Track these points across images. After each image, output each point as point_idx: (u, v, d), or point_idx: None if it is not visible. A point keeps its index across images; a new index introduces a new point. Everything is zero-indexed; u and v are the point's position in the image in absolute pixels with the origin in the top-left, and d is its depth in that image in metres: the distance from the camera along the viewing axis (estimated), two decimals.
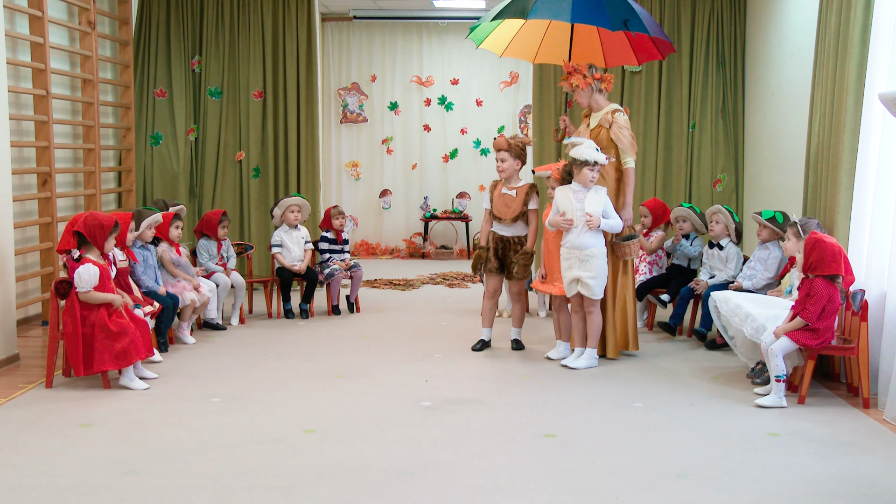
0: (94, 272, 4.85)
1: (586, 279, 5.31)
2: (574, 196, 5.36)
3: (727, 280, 6.03)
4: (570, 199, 5.37)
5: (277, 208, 7.04)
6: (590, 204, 5.32)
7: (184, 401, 4.70)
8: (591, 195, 5.35)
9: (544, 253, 5.73)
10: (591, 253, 5.32)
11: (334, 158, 11.15)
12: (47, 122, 6.59)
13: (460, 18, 10.83)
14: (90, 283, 4.84)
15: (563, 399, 4.77)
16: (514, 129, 11.03)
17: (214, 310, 6.46)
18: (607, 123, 5.58)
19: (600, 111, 5.67)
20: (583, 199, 5.34)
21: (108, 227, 4.96)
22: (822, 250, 4.58)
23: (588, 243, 5.32)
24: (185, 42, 8.29)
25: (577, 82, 5.64)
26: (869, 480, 3.62)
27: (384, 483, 3.56)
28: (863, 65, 5.02)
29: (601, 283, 5.37)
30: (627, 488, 3.52)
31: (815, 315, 4.58)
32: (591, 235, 5.32)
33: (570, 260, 5.37)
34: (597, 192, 5.36)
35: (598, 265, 5.33)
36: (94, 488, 3.51)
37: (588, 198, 5.34)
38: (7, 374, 5.29)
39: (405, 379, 5.13)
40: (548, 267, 5.67)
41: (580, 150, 5.30)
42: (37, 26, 6.54)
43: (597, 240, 5.35)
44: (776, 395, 4.62)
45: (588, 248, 5.32)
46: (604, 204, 5.35)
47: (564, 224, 5.34)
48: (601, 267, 5.35)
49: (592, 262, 5.32)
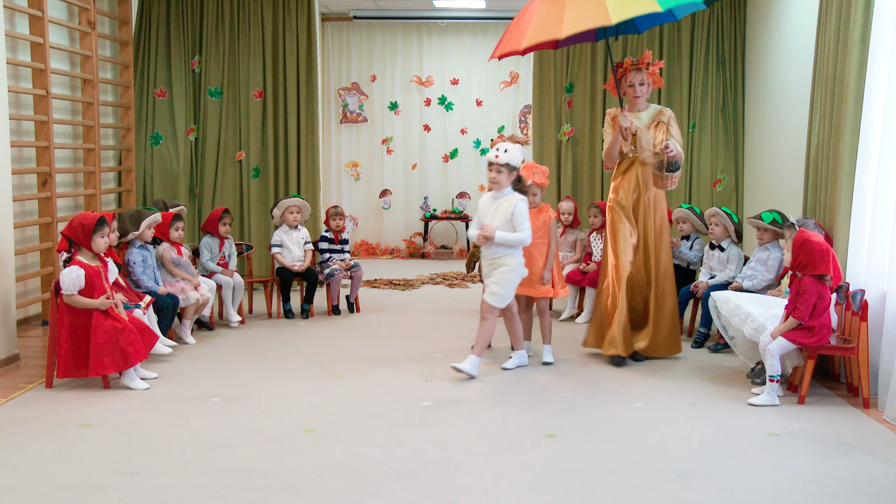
0: (77, 275, 4.81)
1: (493, 287, 5.05)
2: (492, 202, 5.08)
3: (727, 280, 6.03)
4: (488, 205, 5.09)
5: (277, 209, 7.04)
6: (496, 212, 5.01)
7: (184, 401, 4.70)
8: (502, 203, 5.01)
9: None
10: (502, 262, 5.04)
11: (334, 158, 11.15)
12: (47, 122, 6.59)
13: (460, 18, 10.84)
14: (74, 286, 4.80)
15: (563, 399, 4.77)
16: (514, 129, 11.03)
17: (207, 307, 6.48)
18: (666, 118, 5.46)
19: (648, 108, 5.55)
20: (495, 206, 5.05)
21: (89, 227, 4.90)
22: (811, 250, 4.59)
23: (498, 251, 5.04)
24: (185, 42, 8.29)
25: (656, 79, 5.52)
26: (869, 480, 3.62)
27: (384, 483, 3.56)
28: (863, 65, 5.02)
29: (506, 295, 5.07)
30: (627, 488, 3.52)
31: (807, 313, 4.59)
32: (497, 244, 5.02)
33: (487, 267, 5.14)
34: (507, 200, 5.00)
35: (506, 276, 5.03)
36: (94, 488, 3.50)
37: (498, 205, 5.03)
38: (7, 374, 5.29)
39: (405, 379, 5.13)
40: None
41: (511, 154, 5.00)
42: (37, 26, 6.54)
43: (504, 249, 5.03)
44: (769, 394, 4.63)
45: (499, 255, 5.05)
46: (510, 213, 4.98)
47: (481, 240, 5.03)
48: (509, 279, 5.04)
49: (500, 271, 5.04)
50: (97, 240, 4.94)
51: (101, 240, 4.96)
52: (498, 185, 5.00)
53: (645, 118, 5.52)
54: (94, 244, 4.94)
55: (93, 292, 4.86)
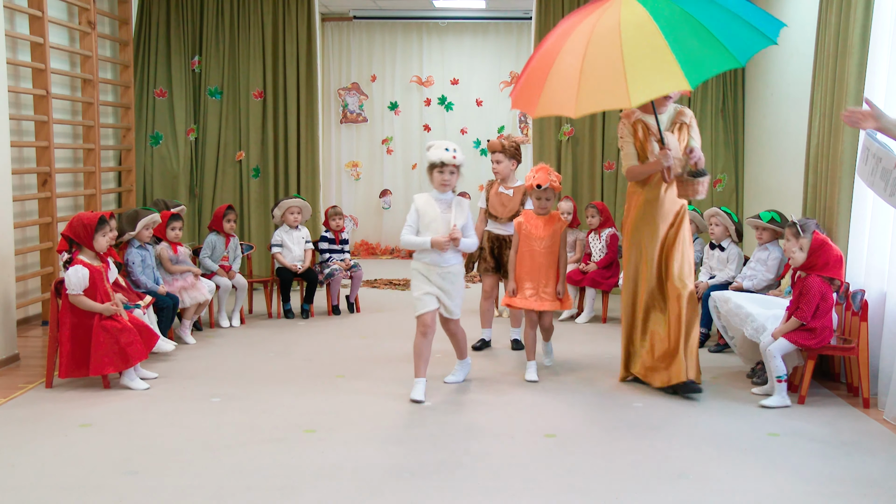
0: (82, 274, 4.82)
1: (447, 301, 4.74)
2: (438, 205, 4.72)
3: (727, 280, 6.03)
4: (434, 208, 4.72)
5: (277, 209, 7.04)
6: (458, 216, 4.71)
7: (184, 401, 4.70)
8: (456, 205, 4.72)
9: (517, 263, 5.23)
10: (453, 269, 4.74)
11: (334, 158, 11.15)
12: (47, 122, 6.59)
13: (460, 18, 10.84)
14: (79, 286, 4.81)
15: (562, 399, 4.77)
16: (514, 129, 11.03)
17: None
18: (687, 119, 5.01)
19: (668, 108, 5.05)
20: (448, 210, 4.72)
21: (90, 226, 4.91)
22: (829, 253, 4.67)
23: (452, 259, 4.73)
24: (185, 42, 8.29)
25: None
26: (869, 480, 3.62)
27: (384, 483, 3.56)
28: (863, 65, 5.02)
29: (461, 301, 4.84)
30: (627, 488, 3.52)
31: (809, 314, 4.60)
32: (452, 251, 4.71)
33: (431, 277, 4.71)
34: (460, 204, 4.74)
35: (460, 282, 4.79)
36: (94, 488, 3.50)
37: (454, 208, 4.72)
38: (7, 374, 5.29)
39: (405, 379, 5.13)
40: (519, 278, 5.21)
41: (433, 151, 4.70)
42: (37, 26, 6.53)
43: (457, 256, 4.78)
44: (780, 395, 4.62)
45: (453, 263, 4.74)
46: (465, 218, 4.74)
47: (446, 246, 4.62)
48: (462, 286, 4.81)
49: (452, 279, 4.73)
50: (99, 239, 4.95)
51: (102, 239, 4.97)
52: (450, 186, 4.70)
53: (664, 119, 5.07)
54: (97, 243, 4.94)
55: (95, 292, 4.87)
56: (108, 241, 5.06)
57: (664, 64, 4.06)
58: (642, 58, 4.08)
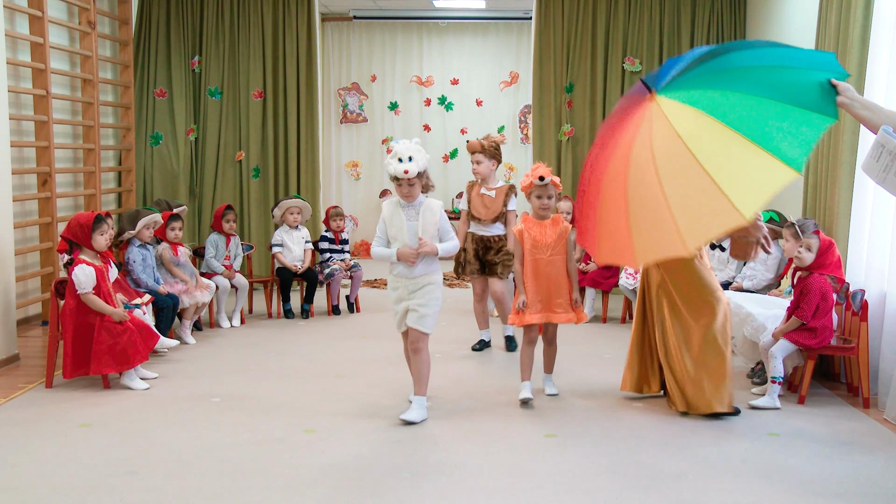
0: (90, 272, 4.84)
1: (419, 309, 4.31)
2: (404, 213, 4.35)
3: (727, 281, 6.03)
4: (400, 217, 4.35)
5: (277, 209, 7.04)
6: (425, 225, 4.32)
7: (184, 401, 4.70)
8: (424, 212, 4.33)
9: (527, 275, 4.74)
10: (429, 280, 4.35)
11: (334, 158, 11.15)
12: (47, 122, 6.59)
13: (460, 18, 10.84)
14: (89, 284, 4.83)
15: (562, 399, 4.77)
16: (514, 129, 11.03)
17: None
18: None
19: None
20: (415, 217, 4.34)
21: (87, 226, 4.92)
22: (835, 254, 4.74)
23: (425, 269, 4.34)
24: (185, 42, 8.29)
25: None
26: (869, 480, 3.62)
27: (384, 483, 3.56)
28: (863, 65, 5.02)
29: (435, 316, 4.38)
30: (627, 488, 3.52)
31: (810, 313, 4.60)
32: (423, 261, 4.33)
33: (399, 290, 4.38)
34: (429, 209, 4.35)
35: (435, 294, 4.36)
36: (94, 488, 3.50)
37: (421, 215, 4.33)
38: (7, 374, 5.29)
39: (405, 379, 5.12)
40: (531, 292, 4.70)
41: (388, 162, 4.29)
42: (37, 26, 6.54)
43: (429, 265, 4.36)
44: (770, 396, 4.61)
45: (426, 273, 4.34)
46: (436, 223, 4.36)
47: (413, 258, 4.27)
48: (438, 298, 4.38)
49: (427, 290, 4.33)
50: (97, 238, 4.96)
51: (101, 237, 4.98)
52: (413, 196, 4.32)
53: None
54: (95, 242, 4.95)
55: (97, 291, 4.89)
56: (107, 240, 5.06)
57: (763, 168, 3.53)
58: (730, 169, 3.58)
